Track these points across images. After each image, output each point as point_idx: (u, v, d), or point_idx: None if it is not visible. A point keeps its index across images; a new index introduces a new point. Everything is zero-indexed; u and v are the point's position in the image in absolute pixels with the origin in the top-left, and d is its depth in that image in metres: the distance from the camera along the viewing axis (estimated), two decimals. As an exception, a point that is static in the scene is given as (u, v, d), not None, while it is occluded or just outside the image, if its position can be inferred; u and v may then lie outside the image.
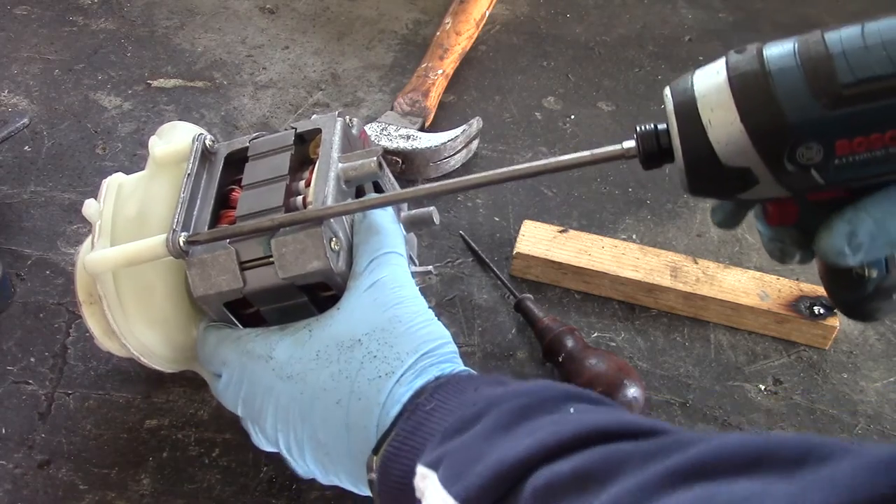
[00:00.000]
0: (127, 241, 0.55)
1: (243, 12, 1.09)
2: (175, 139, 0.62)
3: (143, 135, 0.90)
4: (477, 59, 1.05)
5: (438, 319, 0.55)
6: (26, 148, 0.87)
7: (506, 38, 1.09)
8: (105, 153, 0.88)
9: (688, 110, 0.45)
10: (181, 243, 0.53)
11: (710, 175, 0.45)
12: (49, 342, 0.70)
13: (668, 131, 0.46)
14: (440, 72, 0.97)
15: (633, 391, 0.66)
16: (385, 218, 0.58)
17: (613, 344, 0.75)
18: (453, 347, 0.54)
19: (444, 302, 0.77)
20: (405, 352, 0.51)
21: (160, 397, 0.67)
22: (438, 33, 1.02)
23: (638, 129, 0.47)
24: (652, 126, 0.47)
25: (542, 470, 0.40)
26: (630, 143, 0.48)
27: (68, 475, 0.62)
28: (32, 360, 0.69)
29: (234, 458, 0.64)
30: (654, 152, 0.47)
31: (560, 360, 0.69)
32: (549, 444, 0.41)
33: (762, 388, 0.73)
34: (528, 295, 0.75)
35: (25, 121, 0.88)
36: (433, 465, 0.45)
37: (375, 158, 0.57)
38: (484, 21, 1.06)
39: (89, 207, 0.59)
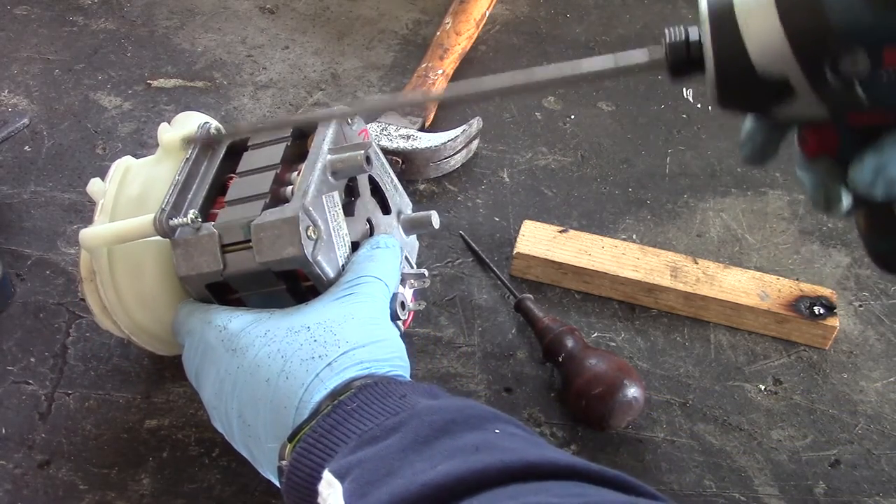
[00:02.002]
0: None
1: (243, 12, 1.08)
2: (186, 128, 0.64)
3: (143, 135, 0.90)
4: (477, 59, 1.05)
5: (407, 345, 0.54)
6: (26, 148, 0.87)
7: (506, 38, 1.09)
8: (105, 153, 0.88)
9: (723, 13, 0.41)
10: (168, 223, 0.55)
11: (742, 85, 0.41)
12: (49, 342, 0.70)
13: (699, 38, 0.42)
14: (440, 72, 0.97)
15: (633, 391, 0.66)
16: (389, 255, 0.59)
17: (613, 344, 0.75)
18: (403, 363, 0.53)
19: (444, 302, 0.77)
20: (345, 340, 0.51)
21: (160, 397, 0.67)
22: (438, 33, 1.02)
23: (667, 34, 0.43)
24: (682, 31, 0.43)
25: None
26: (657, 50, 0.44)
27: (68, 475, 0.62)
28: (32, 360, 0.69)
29: (235, 457, 0.63)
30: (682, 60, 0.43)
31: (560, 360, 0.69)
32: (463, 475, 0.38)
33: (762, 388, 0.73)
34: (528, 295, 0.75)
35: (25, 121, 0.88)
36: (340, 475, 0.43)
37: (363, 152, 0.57)
38: (484, 21, 1.06)
39: (93, 185, 0.61)
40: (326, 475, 0.44)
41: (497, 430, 0.44)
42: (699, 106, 1.02)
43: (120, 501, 0.61)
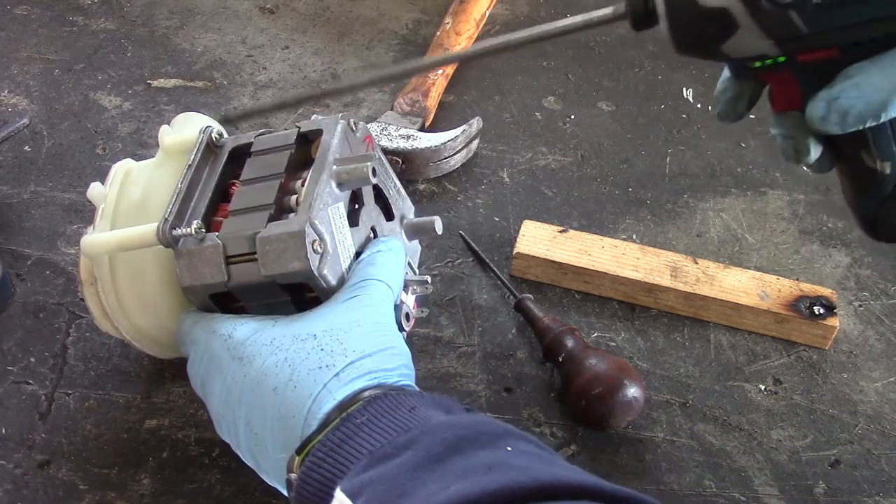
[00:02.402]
0: (128, 226, 0.57)
1: (243, 12, 1.09)
2: (187, 129, 0.63)
3: (143, 135, 0.90)
4: (477, 59, 1.05)
5: (410, 346, 0.54)
6: (26, 148, 0.87)
7: (506, 38, 1.09)
8: (105, 153, 0.88)
9: None
10: (171, 233, 0.54)
11: (689, 20, 0.45)
12: (49, 342, 0.70)
13: None
14: (440, 72, 0.97)
15: (633, 391, 0.66)
16: (392, 257, 0.59)
17: (613, 344, 0.75)
18: (409, 371, 0.53)
19: (444, 302, 0.77)
20: (352, 349, 0.51)
21: (160, 397, 0.67)
22: (438, 33, 1.02)
23: None
24: None
25: None
26: (620, 6, 0.49)
27: (68, 475, 0.62)
28: (32, 360, 0.69)
29: (235, 458, 0.63)
30: (640, 9, 0.48)
31: (560, 360, 0.69)
32: (476, 497, 0.38)
33: (762, 388, 0.73)
34: (528, 295, 0.75)
35: (25, 121, 0.88)
36: (353, 495, 0.43)
37: (369, 164, 0.57)
38: (484, 21, 1.06)
39: (93, 190, 0.60)
40: (338, 494, 0.43)
41: (509, 448, 0.43)
42: (699, 106, 1.02)
43: (120, 501, 0.61)
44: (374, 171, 0.57)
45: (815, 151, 0.50)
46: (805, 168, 0.52)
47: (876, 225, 0.52)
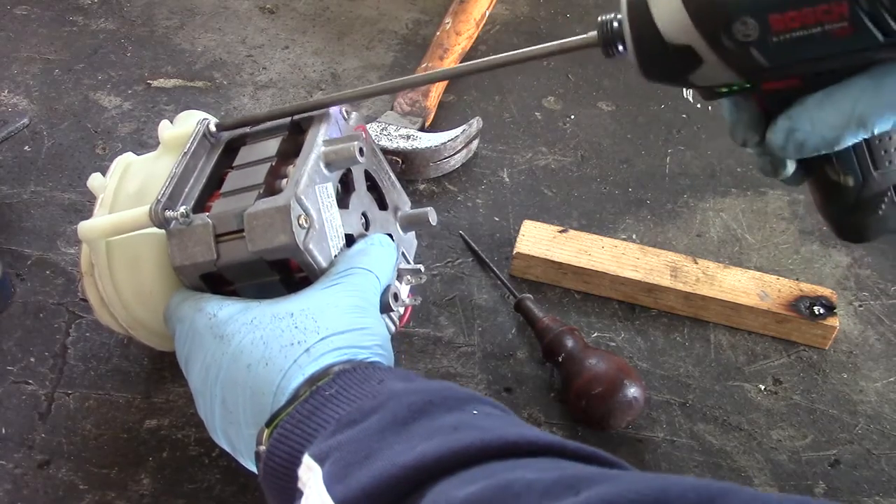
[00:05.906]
0: None
1: (243, 12, 1.08)
2: (188, 125, 0.64)
3: (144, 135, 0.90)
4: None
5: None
6: (26, 148, 0.87)
7: (506, 38, 1.09)
8: (105, 153, 0.88)
9: None
10: (164, 214, 0.55)
11: (656, 55, 0.47)
12: (49, 342, 0.70)
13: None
14: (440, 72, 0.97)
15: (633, 391, 0.66)
16: (383, 252, 0.59)
17: (613, 344, 0.75)
18: (384, 352, 0.53)
19: (444, 302, 0.77)
20: (325, 327, 0.51)
21: (160, 397, 0.67)
22: (438, 33, 1.02)
23: (599, 18, 0.50)
24: (611, 15, 0.50)
25: (433, 491, 0.38)
26: (594, 33, 0.51)
27: (68, 475, 0.62)
28: (32, 360, 0.69)
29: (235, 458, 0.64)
30: (611, 39, 0.49)
31: (560, 360, 0.69)
32: (442, 455, 0.39)
33: (762, 388, 0.73)
34: (528, 295, 0.75)
35: (25, 121, 0.88)
36: (320, 459, 0.43)
37: (356, 143, 0.58)
38: (484, 21, 1.06)
39: (94, 180, 0.62)
40: (306, 459, 0.44)
41: (475, 412, 0.44)
42: (699, 106, 1.02)
43: (120, 501, 0.61)
44: (361, 150, 0.58)
45: (790, 167, 0.53)
46: (781, 181, 0.55)
47: (843, 231, 0.56)
